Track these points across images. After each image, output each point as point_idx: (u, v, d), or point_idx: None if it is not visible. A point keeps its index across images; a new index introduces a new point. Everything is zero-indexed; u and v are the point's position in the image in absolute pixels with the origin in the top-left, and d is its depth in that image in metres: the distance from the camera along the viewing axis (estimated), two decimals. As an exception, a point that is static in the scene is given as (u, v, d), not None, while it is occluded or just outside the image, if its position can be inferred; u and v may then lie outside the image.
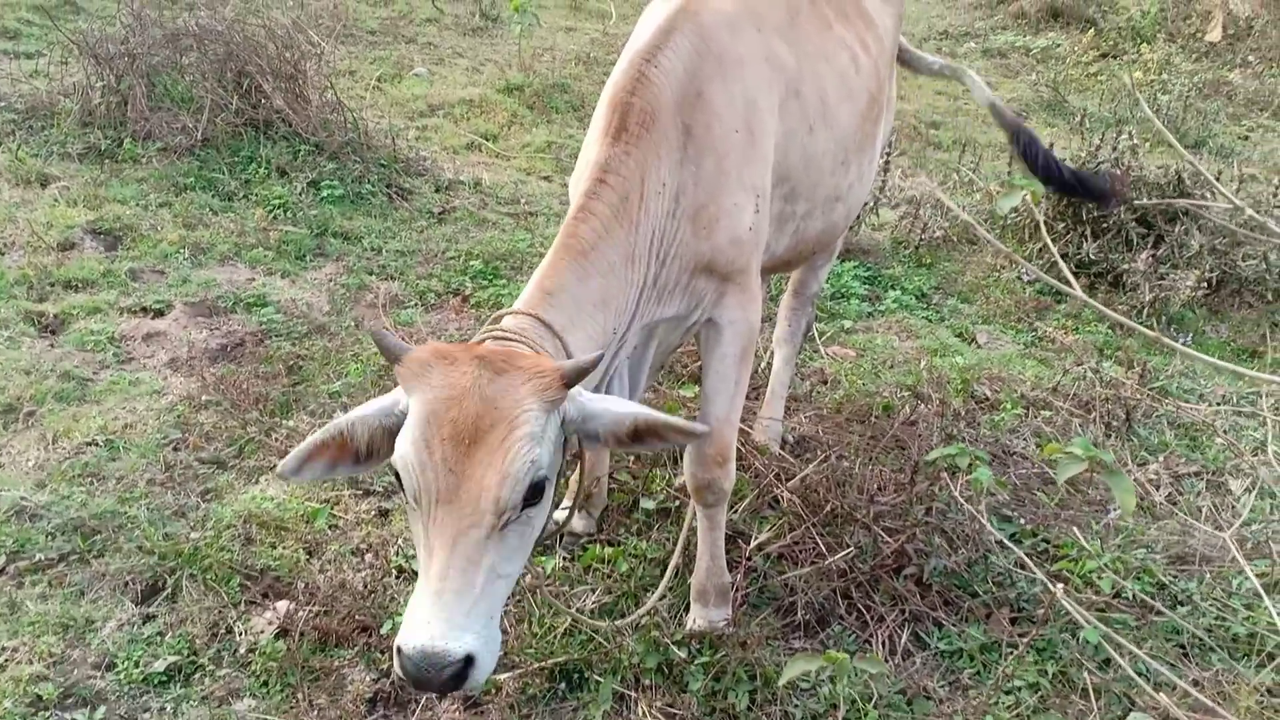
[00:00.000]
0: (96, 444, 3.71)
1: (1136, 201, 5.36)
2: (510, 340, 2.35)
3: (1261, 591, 2.12)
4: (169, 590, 3.11)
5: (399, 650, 2.06)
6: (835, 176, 3.22)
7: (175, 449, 3.75)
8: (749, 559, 3.33)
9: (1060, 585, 1.76)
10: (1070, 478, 3.99)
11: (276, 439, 3.80)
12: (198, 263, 5.01)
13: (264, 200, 5.58)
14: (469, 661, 2.05)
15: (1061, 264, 1.40)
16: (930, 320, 5.44)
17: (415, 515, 2.16)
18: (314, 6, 8.91)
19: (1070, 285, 1.37)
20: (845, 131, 3.20)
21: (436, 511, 2.09)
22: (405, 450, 2.11)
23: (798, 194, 3.10)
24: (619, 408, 2.33)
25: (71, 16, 7.85)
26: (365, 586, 3.14)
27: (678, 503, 3.55)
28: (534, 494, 2.15)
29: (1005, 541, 2.90)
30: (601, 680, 2.89)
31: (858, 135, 3.27)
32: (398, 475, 2.16)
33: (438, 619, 2.04)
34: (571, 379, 2.19)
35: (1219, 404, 4.73)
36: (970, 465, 2.61)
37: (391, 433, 2.21)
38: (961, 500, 2.67)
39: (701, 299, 2.84)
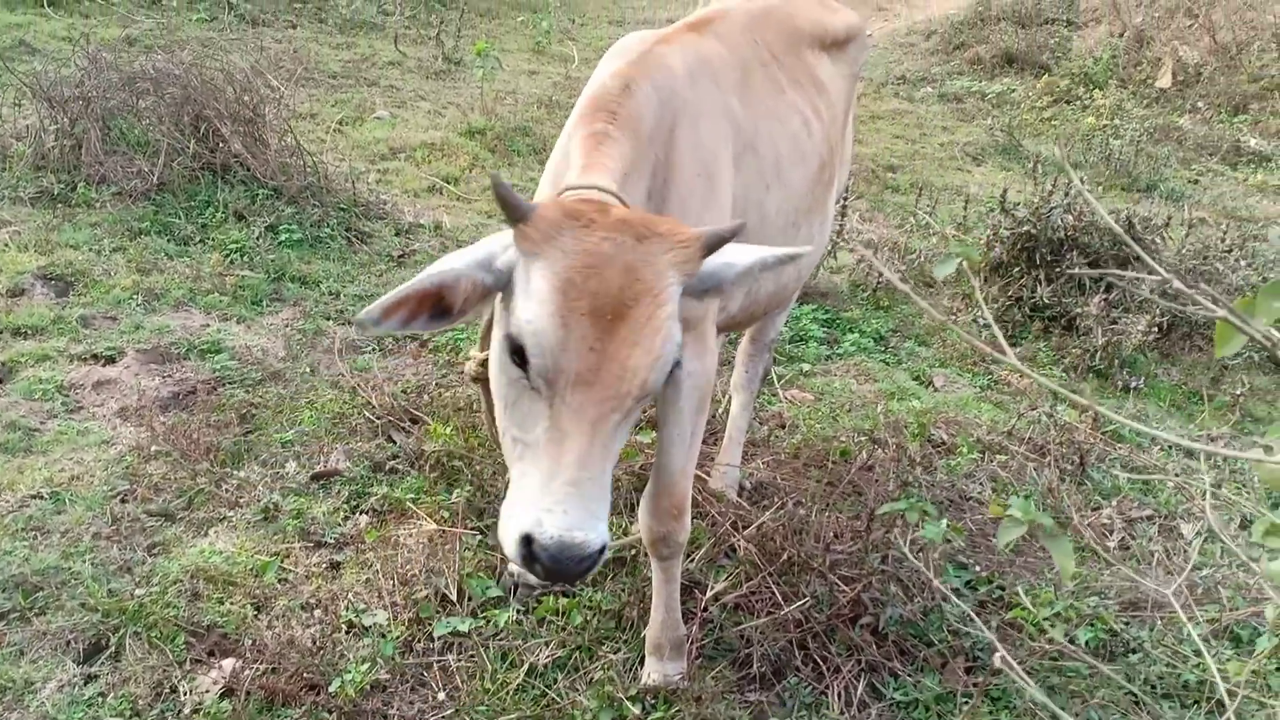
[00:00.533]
0: (42, 496, 3.63)
1: (1070, 270, 5.46)
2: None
3: (1201, 645, 2.13)
4: (112, 649, 3.03)
5: (529, 539, 1.93)
6: (786, 237, 3.23)
7: (123, 501, 3.68)
8: (705, 610, 3.31)
9: (999, 655, 1.74)
10: (1071, 557, 4.03)
11: (227, 489, 3.75)
12: (151, 309, 4.96)
13: (220, 245, 5.54)
14: (602, 551, 1.98)
15: (995, 328, 1.40)
16: (888, 363, 5.47)
17: (533, 396, 2.01)
18: (274, 50, 8.92)
19: (1004, 349, 1.37)
20: (797, 193, 3.23)
21: (572, 393, 1.95)
22: (541, 324, 1.95)
23: None
24: (743, 256, 2.23)
25: (26, 58, 7.80)
26: (314, 643, 3.09)
27: (634, 552, 3.52)
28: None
29: (951, 597, 2.90)
30: (554, 736, 2.86)
31: (809, 198, 3.30)
32: (517, 350, 2.00)
33: (576, 508, 1.94)
34: (712, 248, 2.08)
35: (1170, 448, 4.78)
36: (920, 520, 2.61)
37: (484, 290, 2.10)
38: (910, 556, 2.66)
39: None
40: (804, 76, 3.38)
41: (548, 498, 1.94)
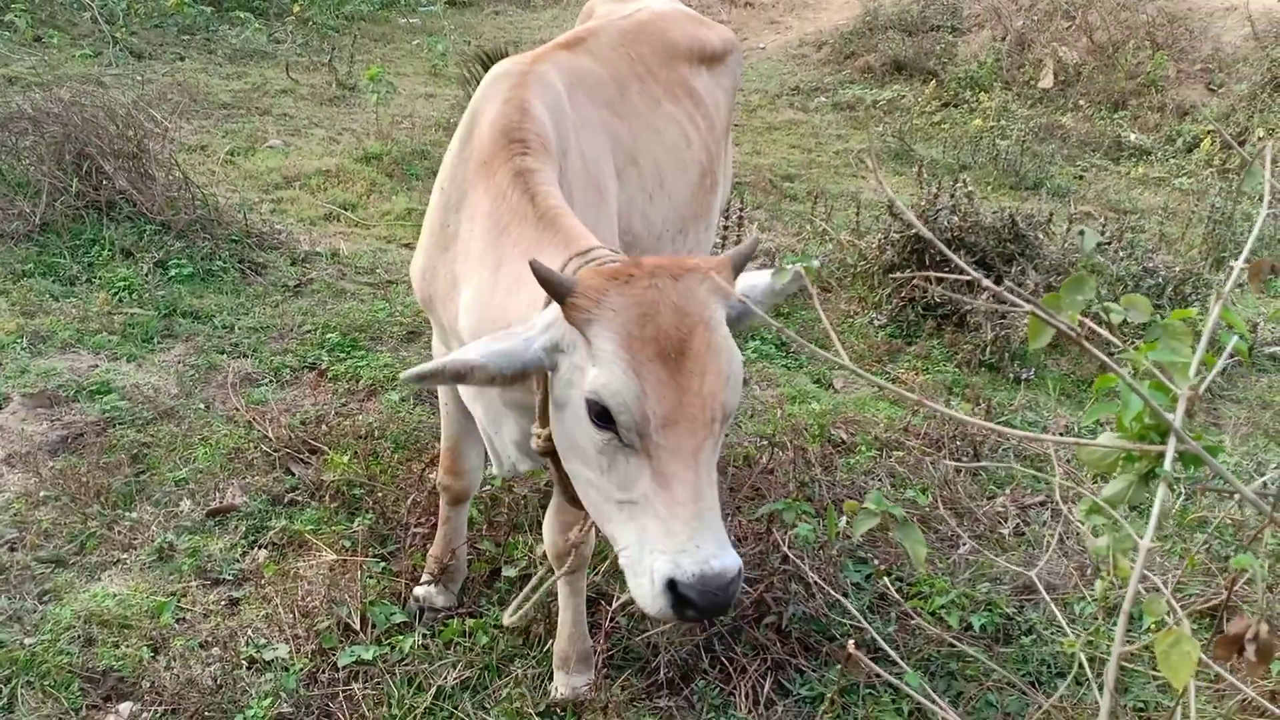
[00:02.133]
0: (-76, 550, 3.52)
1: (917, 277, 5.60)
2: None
3: (1064, 624, 2.22)
4: (4, 700, 2.95)
5: (673, 584, 1.95)
6: (675, 245, 3.31)
7: (11, 549, 3.58)
8: (612, 620, 3.34)
9: (850, 644, 1.80)
10: (922, 518, 4.13)
11: (119, 531, 3.67)
12: (37, 351, 4.83)
13: (108, 283, 5.42)
14: (740, 573, 2.00)
15: (835, 337, 1.46)
16: (789, 368, 5.57)
17: (627, 453, 2.04)
18: (160, 83, 8.77)
19: (848, 364, 1.43)
20: (681, 201, 3.30)
21: (665, 436, 1.99)
22: (618, 386, 2.00)
23: None
24: (761, 278, 2.30)
25: (-100, 101, 7.55)
26: (214, 681, 3.04)
27: (542, 569, 3.53)
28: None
29: (841, 600, 2.98)
30: (463, 757, 2.85)
31: (693, 205, 3.38)
32: (601, 414, 2.04)
33: (707, 540, 1.97)
34: (739, 268, 2.15)
35: (1060, 433, 4.94)
36: (795, 520, 2.67)
37: (518, 375, 2.16)
38: (799, 563, 2.72)
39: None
40: (680, 89, 3.45)
41: (677, 539, 1.96)
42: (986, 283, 1.33)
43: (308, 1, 12.09)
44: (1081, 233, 1.65)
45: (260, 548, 3.66)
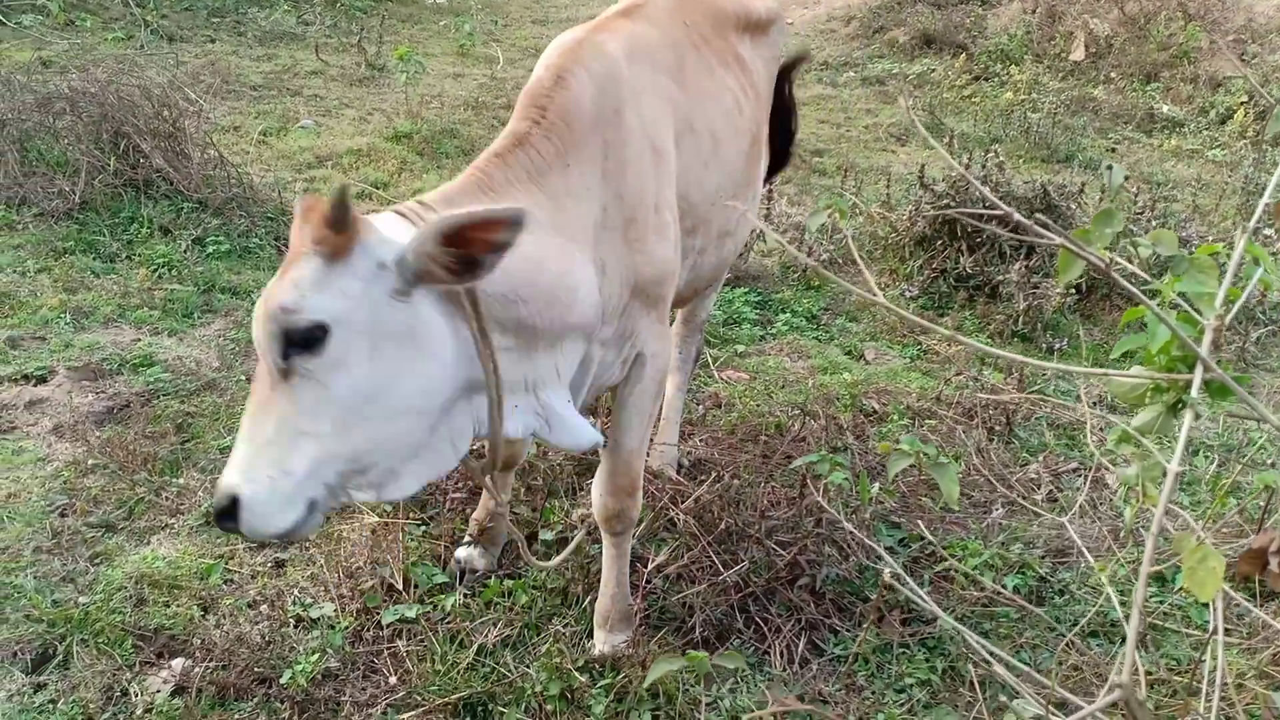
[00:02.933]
0: (-21, 516, 3.62)
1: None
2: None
3: (1105, 581, 2.25)
4: (60, 657, 3.04)
5: None
6: (726, 213, 3.32)
7: (62, 515, 3.67)
8: (648, 582, 3.39)
9: (892, 566, 1.84)
10: (956, 482, 4.16)
11: (166, 498, 3.76)
12: (80, 326, 4.93)
13: (147, 260, 5.51)
14: (235, 502, 2.11)
15: (875, 290, 1.49)
16: (820, 340, 5.59)
17: None
18: (193, 64, 8.85)
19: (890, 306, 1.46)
20: (733, 169, 3.32)
21: None
22: None
23: (696, 229, 3.19)
24: (412, 234, 2.24)
25: (-61, 85, 7.68)
26: (263, 638, 3.12)
27: (575, 532, 3.59)
28: (306, 344, 2.10)
29: (881, 552, 3.01)
30: (505, 711, 2.91)
31: (744, 175, 3.40)
32: None
33: (230, 464, 2.16)
34: (334, 218, 2.10)
35: (1093, 403, 4.95)
36: (830, 470, 2.71)
37: None
38: (837, 515, 2.76)
39: (634, 328, 2.88)
40: (731, 57, 3.46)
41: None
42: (1017, 216, 1.35)
43: (336, -17, 12.16)
44: (1110, 167, 1.67)
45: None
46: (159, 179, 6.00)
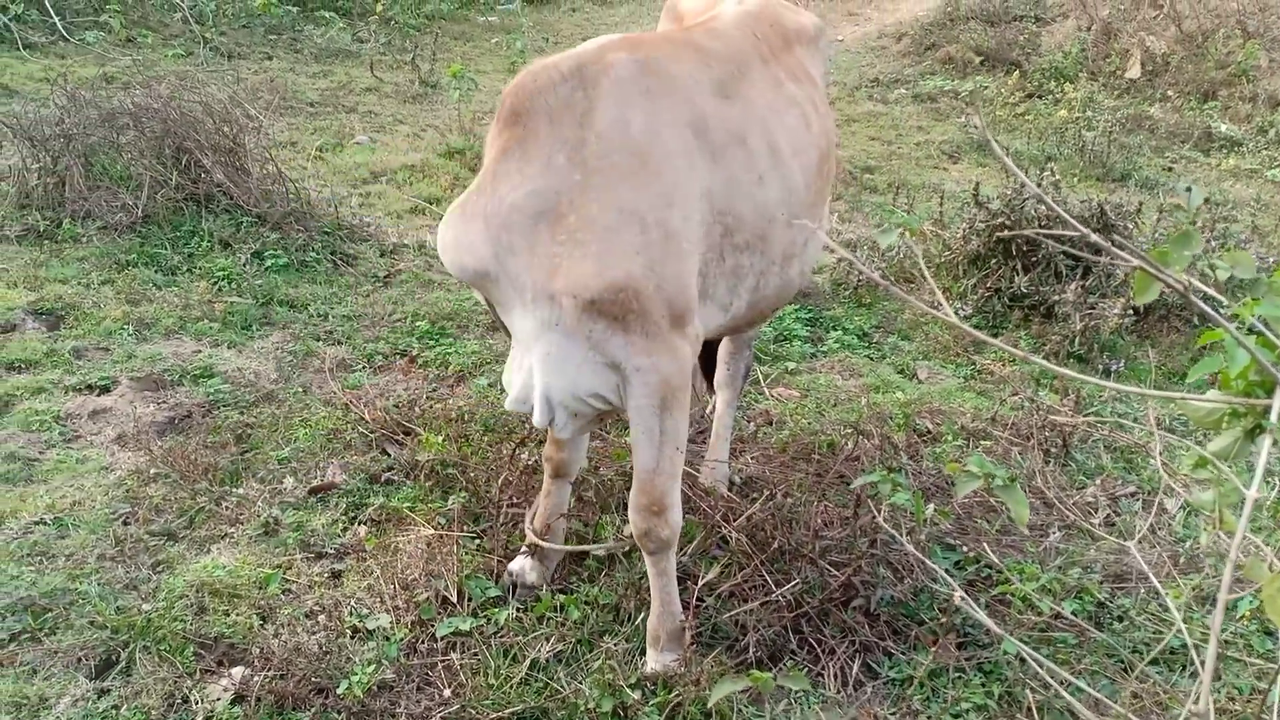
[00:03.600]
0: (45, 522, 3.70)
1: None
2: None
3: (1172, 605, 2.21)
4: (123, 663, 3.10)
5: None
6: (790, 231, 3.24)
7: (125, 523, 3.75)
8: (699, 599, 3.39)
9: (959, 592, 1.82)
10: (1025, 505, 4.11)
11: (227, 507, 3.82)
12: (142, 338, 5.03)
13: (208, 273, 5.62)
14: None
15: (942, 299, 1.49)
16: (872, 358, 5.57)
17: None
18: (252, 81, 9.01)
19: (988, 337, 1.46)
20: (798, 186, 3.24)
21: None
22: None
23: (752, 247, 3.13)
24: None
25: (4, 100, 7.87)
26: (320, 648, 3.16)
27: (626, 548, 3.60)
28: None
29: (939, 572, 2.99)
30: (558, 727, 2.92)
31: (810, 192, 3.32)
32: None
33: None
34: None
35: (1154, 426, 4.87)
36: (892, 491, 2.69)
37: None
38: (897, 535, 2.74)
39: (596, 338, 2.81)
40: (800, 71, 3.46)
41: None
42: (1094, 237, 1.35)
43: (390, 1, 12.31)
44: (1189, 189, 1.66)
45: (360, 523, 3.78)
46: (219, 194, 6.11)
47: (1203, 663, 1.91)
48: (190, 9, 10.81)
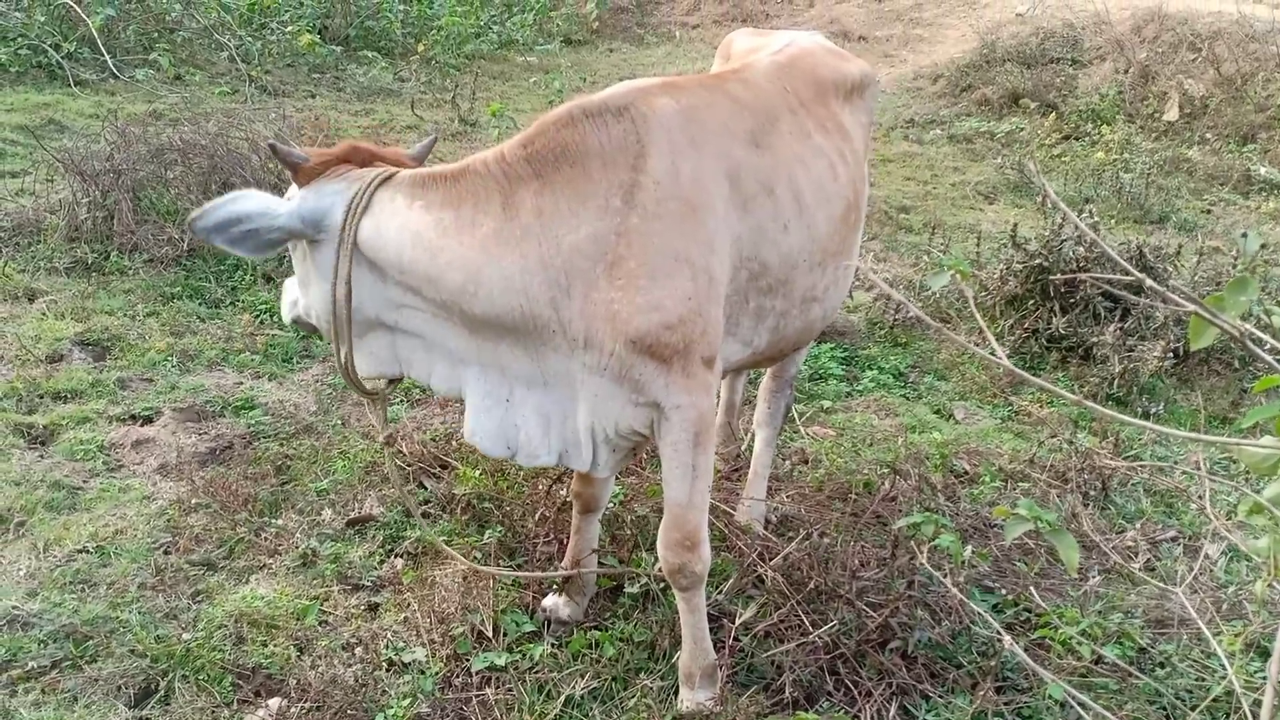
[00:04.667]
0: (87, 551, 3.75)
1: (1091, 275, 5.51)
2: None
3: (1221, 653, 2.18)
4: (162, 692, 3.13)
5: None
6: (812, 276, 3.32)
7: (166, 552, 3.79)
8: (735, 638, 3.37)
9: (1008, 637, 1.81)
10: (1051, 550, 4.07)
11: (266, 538, 3.85)
12: (186, 369, 5.10)
13: (250, 306, 5.70)
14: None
15: (991, 337, 1.50)
16: (908, 398, 5.55)
17: None
18: (296, 118, 9.15)
19: (1008, 362, 1.46)
20: (822, 235, 3.31)
21: None
22: None
23: (775, 290, 3.21)
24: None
25: (56, 135, 8.05)
26: (356, 681, 3.17)
27: (661, 585, 3.59)
28: None
29: (982, 613, 2.96)
30: (593, 765, 2.91)
31: (835, 240, 3.38)
32: None
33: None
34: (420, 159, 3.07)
35: (1195, 470, 4.81)
36: (935, 533, 2.68)
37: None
38: (936, 574, 2.73)
39: (632, 374, 2.86)
40: (830, 123, 3.49)
41: None
42: (1150, 283, 1.35)
43: (431, 42, 12.52)
44: (1244, 235, 1.65)
45: (397, 556, 3.80)
46: (263, 228, 6.20)
47: (1254, 714, 1.89)
48: (237, 48, 11.03)
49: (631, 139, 2.85)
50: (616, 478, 4.17)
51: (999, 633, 1.88)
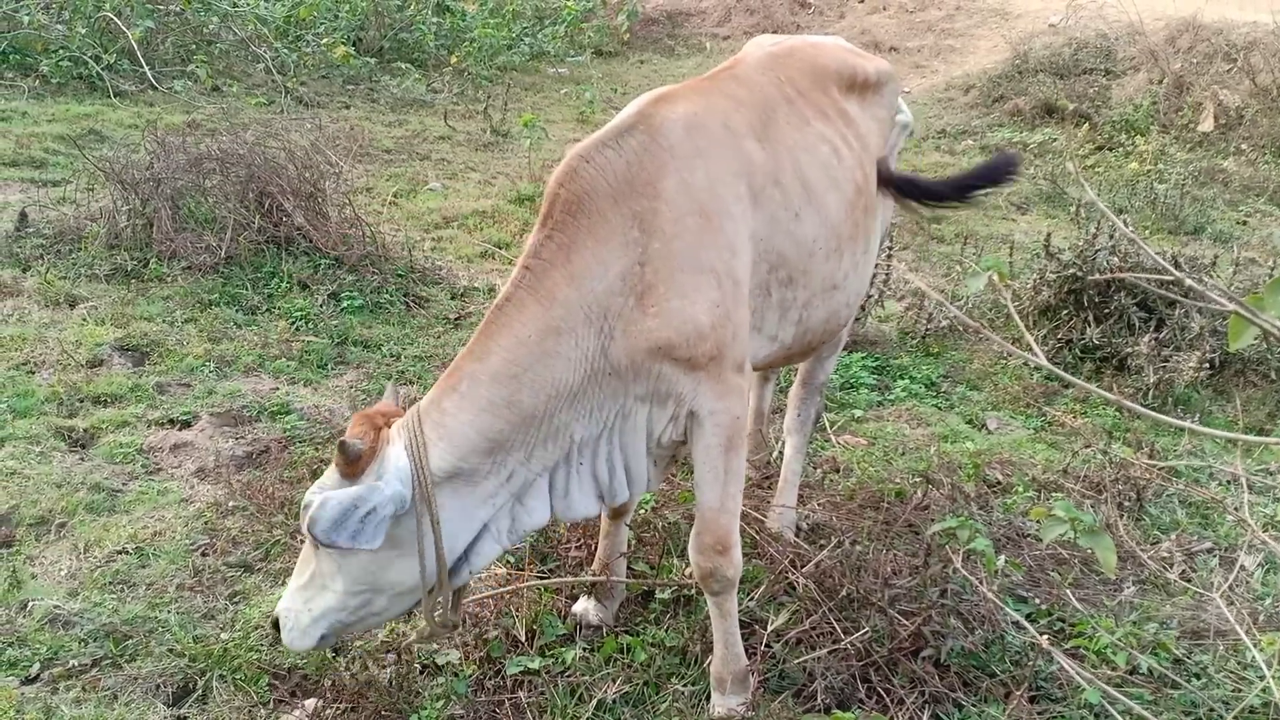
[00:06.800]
0: (127, 552, 3.80)
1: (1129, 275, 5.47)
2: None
3: (1262, 662, 2.17)
4: (199, 691, 3.18)
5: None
6: (830, 263, 3.34)
7: (203, 554, 3.84)
8: (767, 645, 3.37)
9: (1044, 638, 1.81)
10: (1084, 559, 4.04)
11: (301, 541, 3.88)
12: (223, 375, 5.17)
13: (286, 313, 5.77)
14: (278, 622, 2.82)
15: (1033, 343, 1.50)
16: (940, 408, 5.53)
17: None
18: (331, 129, 9.26)
19: (1048, 366, 1.47)
20: (834, 219, 3.33)
21: None
22: None
23: (795, 280, 3.23)
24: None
25: (96, 145, 8.19)
26: (391, 682, 3.20)
27: (692, 591, 3.60)
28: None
29: (1021, 621, 2.95)
30: (625, 768, 2.92)
31: (848, 223, 3.40)
32: None
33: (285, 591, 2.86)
34: (345, 460, 2.72)
35: (1228, 481, 4.77)
36: (970, 538, 2.67)
37: None
38: (974, 581, 2.72)
39: (674, 389, 2.91)
40: (831, 110, 3.51)
41: None
42: (1190, 282, 1.36)
43: (463, 53, 12.64)
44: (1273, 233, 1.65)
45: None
46: (299, 236, 6.29)
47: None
48: (273, 60, 11.19)
49: (636, 167, 2.89)
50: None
51: (1035, 637, 1.88)
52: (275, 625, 2.81)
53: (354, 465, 2.71)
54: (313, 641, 2.81)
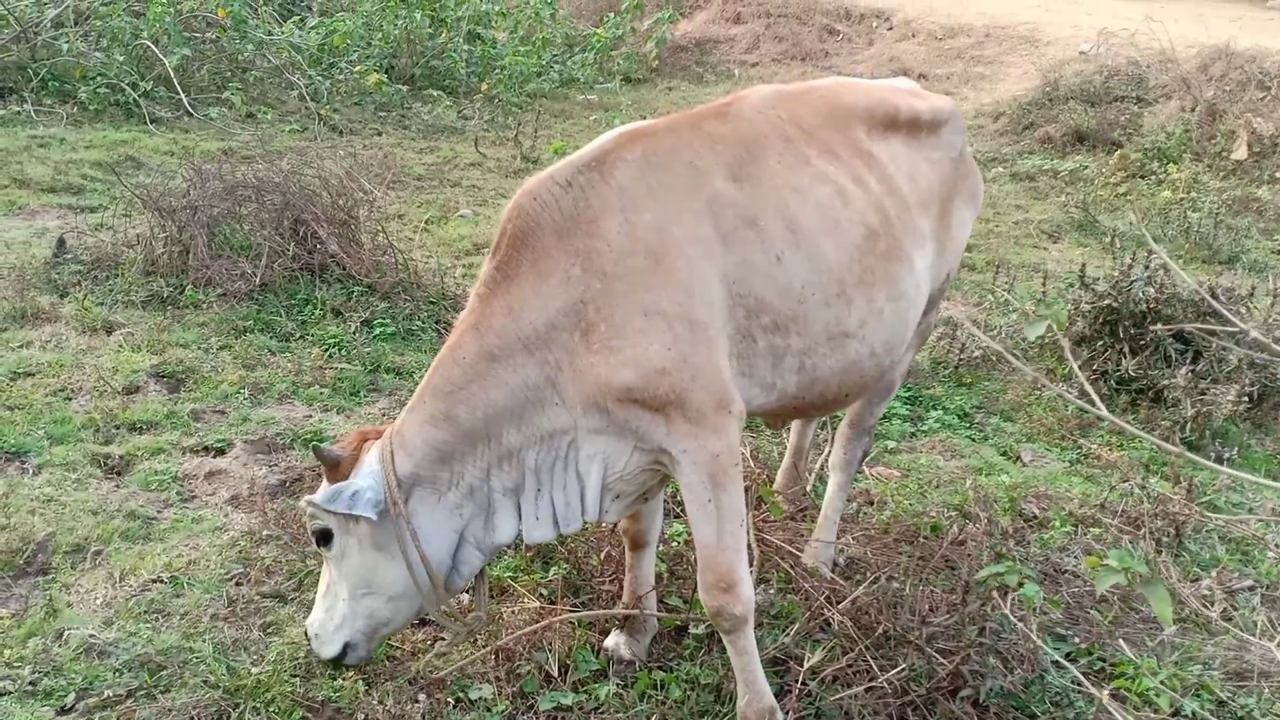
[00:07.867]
0: (162, 581, 3.82)
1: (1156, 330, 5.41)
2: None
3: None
4: (232, 723, 3.17)
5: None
6: (832, 310, 3.16)
7: (237, 584, 3.85)
8: (802, 683, 3.34)
9: (1106, 691, 1.78)
10: (1124, 596, 3.98)
11: (334, 571, 3.89)
12: (257, 402, 5.19)
13: (320, 340, 5.80)
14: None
15: (1087, 386, 1.48)
16: (973, 439, 5.48)
17: None
18: (364, 156, 9.34)
19: (1097, 406, 1.45)
20: (833, 263, 3.16)
21: None
22: None
23: (785, 327, 3.09)
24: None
25: (133, 171, 8.29)
26: (424, 717, 3.18)
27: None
28: (322, 539, 3.04)
29: (1062, 661, 2.91)
30: (660, 808, 2.89)
31: (855, 268, 3.21)
32: None
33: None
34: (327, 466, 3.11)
35: (1269, 517, 4.70)
36: (1020, 583, 2.63)
37: None
38: (1015, 620, 2.68)
39: (631, 425, 2.92)
40: (847, 150, 3.35)
41: None
42: (1243, 325, 1.33)
43: (494, 80, 12.73)
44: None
45: (464, 592, 3.81)
46: (333, 264, 6.34)
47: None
48: (306, 87, 11.30)
49: (581, 204, 2.92)
50: (679, 515, 4.17)
51: (1083, 683, 1.84)
52: (309, 638, 3.15)
53: (335, 470, 3.06)
54: (337, 649, 3.06)
